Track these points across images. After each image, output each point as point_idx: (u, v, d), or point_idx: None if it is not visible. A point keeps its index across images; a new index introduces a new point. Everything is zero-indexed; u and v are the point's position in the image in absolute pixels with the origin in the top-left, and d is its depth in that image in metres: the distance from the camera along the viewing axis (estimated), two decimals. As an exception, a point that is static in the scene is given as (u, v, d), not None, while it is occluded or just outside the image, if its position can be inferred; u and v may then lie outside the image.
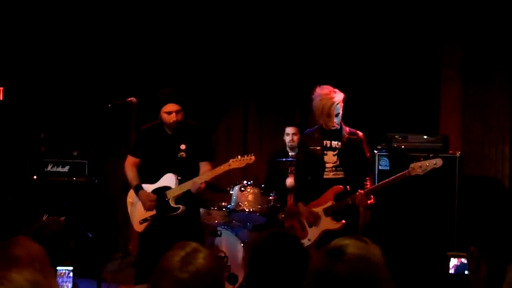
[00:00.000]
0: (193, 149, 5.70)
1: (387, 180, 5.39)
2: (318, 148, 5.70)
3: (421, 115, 7.47)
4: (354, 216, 5.76)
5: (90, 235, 6.93)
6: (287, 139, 7.18)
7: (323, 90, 5.59)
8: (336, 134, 5.70)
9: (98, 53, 8.43)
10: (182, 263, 2.35)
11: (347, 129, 5.74)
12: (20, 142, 8.04)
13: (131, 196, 5.89)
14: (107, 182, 7.98)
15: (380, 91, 7.71)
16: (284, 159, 6.96)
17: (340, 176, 5.69)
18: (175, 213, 5.63)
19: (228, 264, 6.36)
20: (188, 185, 5.60)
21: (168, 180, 5.71)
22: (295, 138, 7.08)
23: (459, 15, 7.19)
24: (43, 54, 8.34)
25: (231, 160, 5.55)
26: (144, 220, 5.69)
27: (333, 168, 5.69)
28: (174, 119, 5.57)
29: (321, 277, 2.04)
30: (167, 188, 5.70)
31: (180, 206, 5.63)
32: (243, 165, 5.55)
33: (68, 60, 8.43)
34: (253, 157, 5.56)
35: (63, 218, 7.01)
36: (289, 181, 6.91)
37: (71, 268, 3.83)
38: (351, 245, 2.07)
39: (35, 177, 7.55)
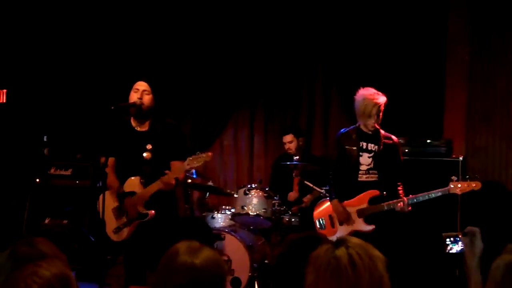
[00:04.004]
0: (161, 150, 5.35)
1: (427, 192, 5.47)
2: (354, 148, 5.76)
3: (425, 119, 7.46)
4: (386, 222, 5.76)
5: (93, 239, 6.92)
6: (285, 147, 7.18)
7: (367, 91, 5.68)
8: (372, 137, 5.76)
9: (102, 55, 8.44)
10: (191, 250, 2.36)
11: (382, 132, 5.80)
12: (23, 145, 8.02)
13: (104, 201, 5.34)
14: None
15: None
16: (288, 163, 6.95)
17: (373, 179, 5.75)
18: (145, 220, 5.25)
19: (232, 268, 6.36)
20: (155, 187, 5.21)
21: (132, 184, 5.31)
22: (292, 145, 7.12)
23: (465, 19, 7.18)
24: (46, 56, 8.34)
25: (188, 159, 5.15)
26: (117, 229, 5.37)
27: (367, 171, 5.74)
28: (139, 96, 5.29)
29: None
30: (132, 193, 5.28)
31: (149, 212, 5.24)
32: (200, 163, 5.17)
33: (71, 62, 8.44)
34: (210, 154, 5.22)
35: (66, 221, 6.99)
36: (292, 195, 6.97)
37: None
38: None
39: (38, 180, 7.51)
